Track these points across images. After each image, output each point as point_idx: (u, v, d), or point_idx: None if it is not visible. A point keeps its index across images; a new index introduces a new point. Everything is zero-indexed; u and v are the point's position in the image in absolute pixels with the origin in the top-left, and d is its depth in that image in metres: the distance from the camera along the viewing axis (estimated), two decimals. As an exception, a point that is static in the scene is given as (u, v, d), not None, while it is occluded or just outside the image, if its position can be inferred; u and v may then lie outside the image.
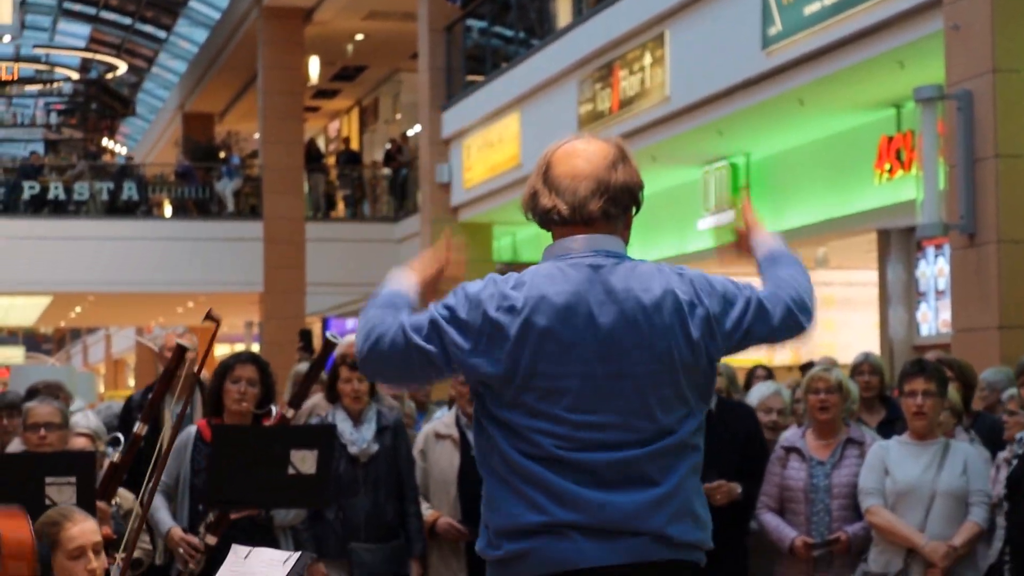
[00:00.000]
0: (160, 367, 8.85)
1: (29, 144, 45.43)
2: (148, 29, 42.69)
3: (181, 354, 6.75)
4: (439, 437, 8.17)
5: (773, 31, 13.31)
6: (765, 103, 14.04)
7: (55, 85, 47.27)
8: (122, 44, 44.81)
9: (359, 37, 30.91)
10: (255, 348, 30.22)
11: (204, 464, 7.13)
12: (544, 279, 3.81)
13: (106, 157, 43.76)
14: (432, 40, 22.12)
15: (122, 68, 46.11)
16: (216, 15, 36.10)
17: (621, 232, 3.94)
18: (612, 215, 3.89)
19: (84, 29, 44.52)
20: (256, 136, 33.06)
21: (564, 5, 18.90)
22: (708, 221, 17.60)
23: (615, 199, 3.88)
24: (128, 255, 29.25)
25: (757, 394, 8.83)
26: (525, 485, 3.76)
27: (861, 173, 14.81)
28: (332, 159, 34.88)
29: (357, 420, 7.95)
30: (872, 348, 13.34)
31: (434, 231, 22.08)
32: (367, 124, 37.22)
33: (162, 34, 42.31)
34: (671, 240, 18.22)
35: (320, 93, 35.46)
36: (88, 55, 46.01)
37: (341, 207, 31.98)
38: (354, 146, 35.53)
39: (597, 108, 17.15)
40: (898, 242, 15.37)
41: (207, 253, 29.53)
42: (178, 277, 29.72)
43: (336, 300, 30.38)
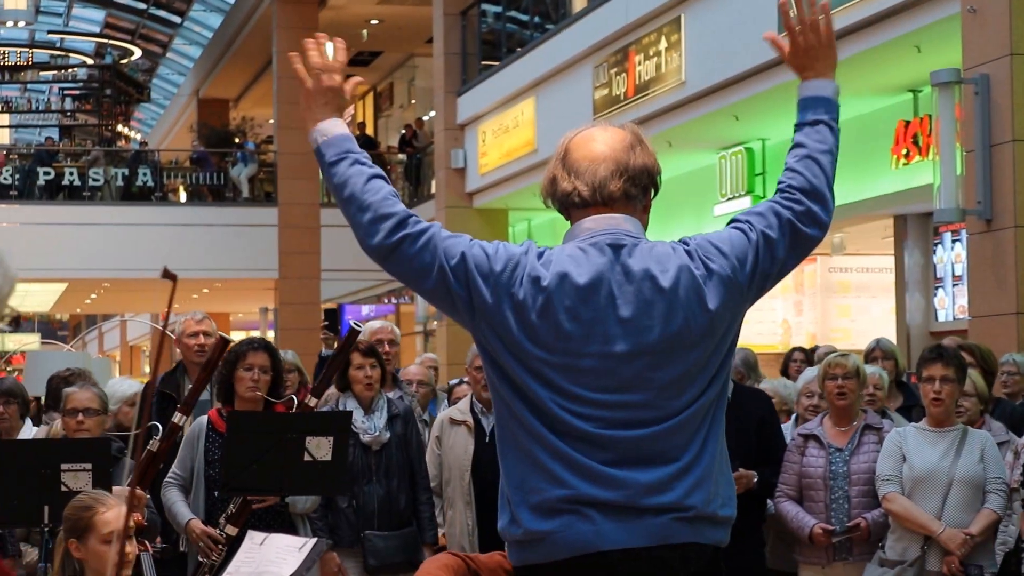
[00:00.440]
0: (177, 354, 8.85)
1: (44, 130, 45.59)
2: (162, 14, 42.73)
3: (224, 345, 6.78)
4: (454, 423, 8.18)
5: (790, 14, 13.27)
6: (781, 87, 13.99)
7: (70, 71, 47.31)
8: (136, 29, 44.87)
9: (374, 22, 30.95)
10: (270, 335, 30.27)
11: (218, 454, 7.13)
12: (568, 259, 3.82)
13: (121, 143, 43.88)
14: (447, 25, 22.11)
15: (137, 53, 46.20)
16: (228, 2, 36.12)
17: (640, 215, 3.95)
18: (632, 196, 3.91)
19: (98, 14, 44.59)
20: (271, 121, 33.07)
21: (579, -11, 18.91)
22: (724, 207, 17.58)
23: (634, 180, 3.90)
24: (143, 241, 29.27)
25: (803, 379, 8.76)
26: (550, 460, 3.77)
27: (877, 158, 14.79)
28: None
29: (368, 408, 7.96)
30: (889, 334, 13.34)
31: (449, 217, 22.08)
32: (382, 109, 37.26)
33: (177, 19, 42.36)
34: (688, 225, 18.19)
35: (336, 78, 35.41)
36: (103, 40, 46.10)
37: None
38: (369, 131, 35.53)
39: (612, 93, 17.14)
40: (915, 228, 15.34)
41: (222, 239, 29.62)
42: (193, 263, 29.66)
43: (351, 287, 30.45)
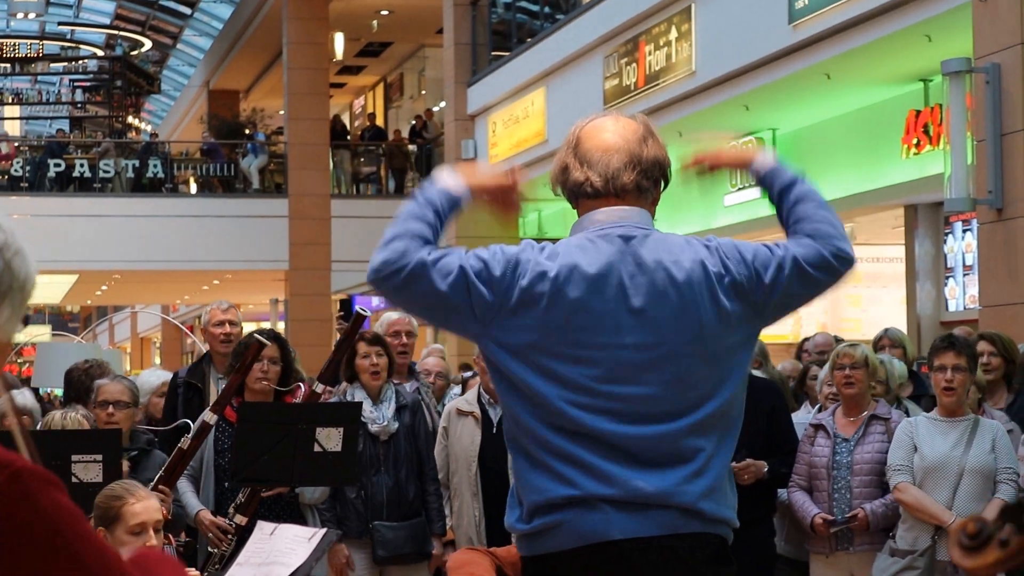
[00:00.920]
0: (206, 343, 8.88)
1: (54, 122, 45.74)
2: (173, 5, 42.75)
3: (260, 348, 6.81)
4: (461, 414, 8.19)
5: (800, 4, 13.29)
6: (792, 77, 14.02)
7: (80, 62, 47.36)
8: (147, 21, 44.91)
9: (384, 12, 30.93)
10: (280, 326, 30.30)
11: (228, 444, 7.14)
12: (576, 249, 3.82)
13: (131, 134, 43.92)
14: (457, 15, 22.12)
15: (147, 45, 46.26)
16: (239, -8, 36.16)
17: (649, 206, 3.96)
18: (644, 188, 3.91)
19: (109, 6, 44.61)
20: (281, 113, 33.14)
21: (589, -21, 18.90)
22: (734, 197, 17.59)
23: (647, 172, 3.91)
24: (153, 233, 29.31)
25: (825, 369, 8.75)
26: (555, 460, 3.77)
27: (888, 147, 14.78)
28: (357, 135, 34.88)
29: (376, 399, 7.98)
30: (899, 324, 13.35)
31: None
32: (392, 100, 37.28)
33: (187, 10, 42.38)
34: (698, 215, 18.20)
35: (345, 69, 35.52)
36: (113, 32, 46.12)
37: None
38: (379, 122, 35.54)
39: (623, 83, 17.14)
40: (926, 217, 15.33)
41: (232, 230, 29.64)
42: (203, 255, 29.78)
43: (362, 277, 30.25)
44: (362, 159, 32.58)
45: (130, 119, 47.06)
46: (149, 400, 8.75)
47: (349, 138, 34.00)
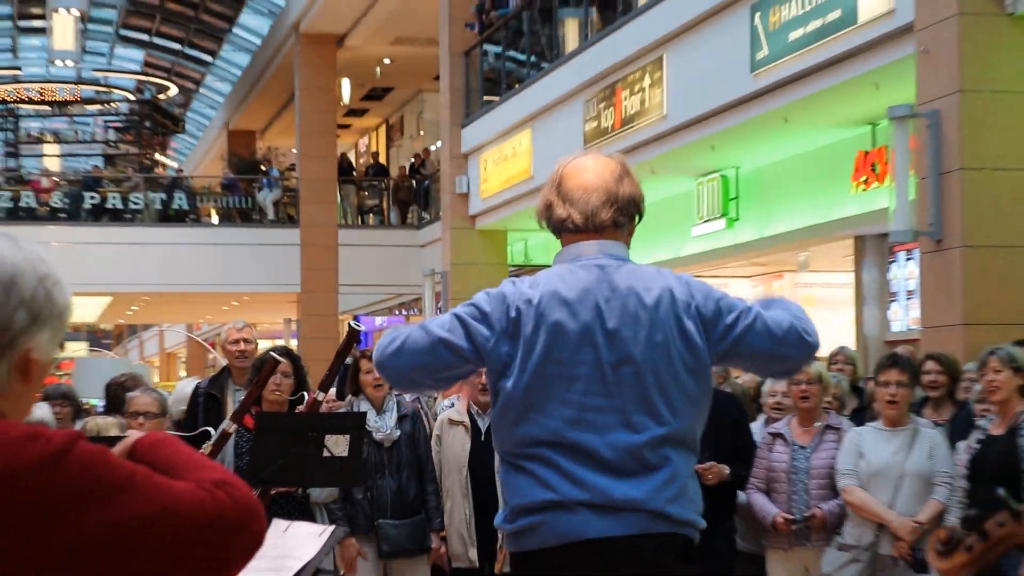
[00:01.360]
0: (224, 358, 8.88)
1: (90, 159, 45.70)
2: (196, 54, 42.87)
3: (274, 366, 6.81)
4: (453, 423, 8.20)
5: (760, 55, 13.32)
6: (753, 120, 14.03)
7: (112, 105, 47.39)
8: (172, 68, 44.99)
9: (386, 61, 30.99)
10: (293, 343, 30.28)
11: (247, 448, 7.15)
12: (556, 278, 3.83)
13: (159, 170, 44.06)
14: (452, 63, 22.13)
15: (173, 89, 46.32)
16: (257, 41, 36.21)
17: (625, 238, 3.96)
18: (620, 223, 3.92)
19: (138, 54, 44.70)
20: (294, 151, 33.16)
21: (571, 31, 18.88)
22: (701, 228, 17.62)
23: (622, 209, 3.91)
24: (179, 259, 29.31)
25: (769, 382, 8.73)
26: (536, 466, 3.78)
27: (839, 184, 14.80)
28: (362, 171, 34.91)
29: (379, 409, 7.98)
30: (848, 343, 13.34)
31: (454, 237, 22.09)
32: (393, 139, 37.30)
33: (208, 58, 42.48)
34: (668, 245, 18.24)
35: (351, 112, 35.54)
36: (142, 78, 46.18)
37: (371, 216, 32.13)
38: (381, 159, 35.56)
39: (601, 125, 17.16)
40: (873, 247, 15.35)
41: (249, 257, 29.63)
42: (223, 279, 29.80)
43: (366, 300, 30.46)
44: (366, 193, 32.58)
45: (157, 156, 47.18)
46: (184, 408, 8.79)
47: (355, 174, 34.00)
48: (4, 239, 2.19)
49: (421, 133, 34.67)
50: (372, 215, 32.12)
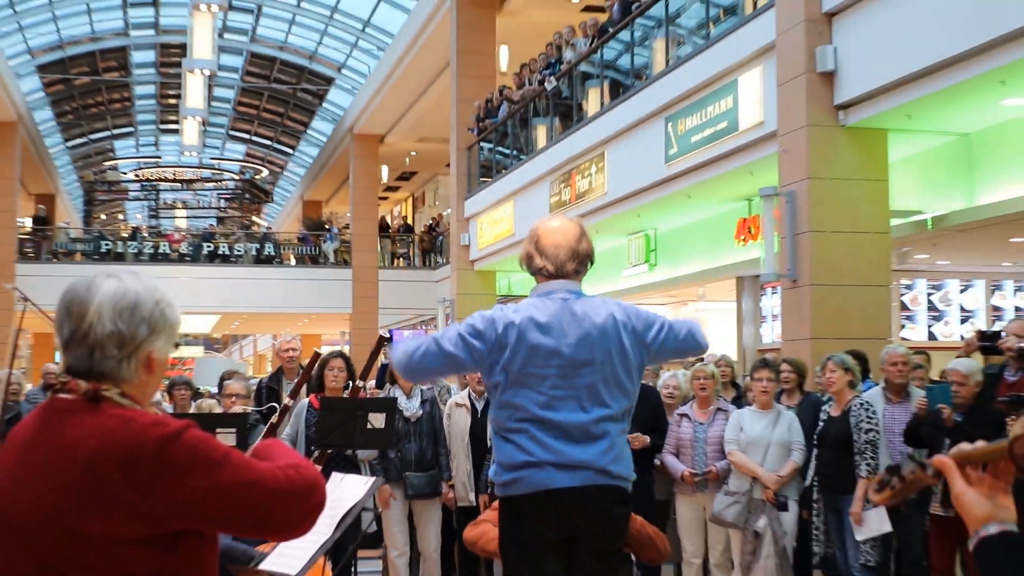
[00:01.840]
0: (278, 362, 8.83)
1: (207, 220, 45.60)
2: (281, 147, 42.91)
3: (315, 360, 6.77)
4: (458, 406, 8.18)
5: (672, 152, 13.35)
6: (667, 196, 14.06)
7: (223, 183, 47.43)
8: (265, 157, 45.05)
9: (413, 153, 31.09)
10: (346, 348, 30.23)
11: (314, 422, 7.11)
12: (532, 307, 3.85)
13: (254, 228, 43.89)
14: (459, 155, 22.16)
15: (265, 172, 46.33)
16: (323, 139, 36.31)
17: (579, 279, 3.97)
18: (579, 271, 3.97)
19: (241, 148, 44.76)
20: (348, 215, 33.14)
21: (541, 134, 18.90)
22: (630, 271, 17.63)
23: (581, 261, 3.96)
24: (267, 289, 29.38)
25: (663, 379, 8.77)
26: (518, 437, 3.78)
27: (726, 241, 14.84)
28: (395, 229, 34.97)
29: (408, 395, 7.94)
30: (731, 352, 13.31)
31: (460, 276, 22.09)
32: (417, 207, 37.32)
33: (290, 151, 42.53)
34: (608, 282, 18.24)
35: (388, 188, 35.59)
36: (244, 163, 46.22)
37: (401, 260, 32.13)
38: (409, 221, 35.59)
39: (561, 199, 17.18)
40: (749, 285, 15.39)
41: (316, 288, 29.68)
42: (298, 303, 29.83)
43: (397, 318, 30.39)
44: (398, 244, 32.58)
45: (253, 218, 47.10)
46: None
47: (390, 231, 34.00)
48: (129, 275, 2.21)
49: (436, 203, 34.74)
50: (402, 259, 32.09)
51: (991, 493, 1.93)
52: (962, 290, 15.45)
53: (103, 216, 49.17)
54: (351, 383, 7.41)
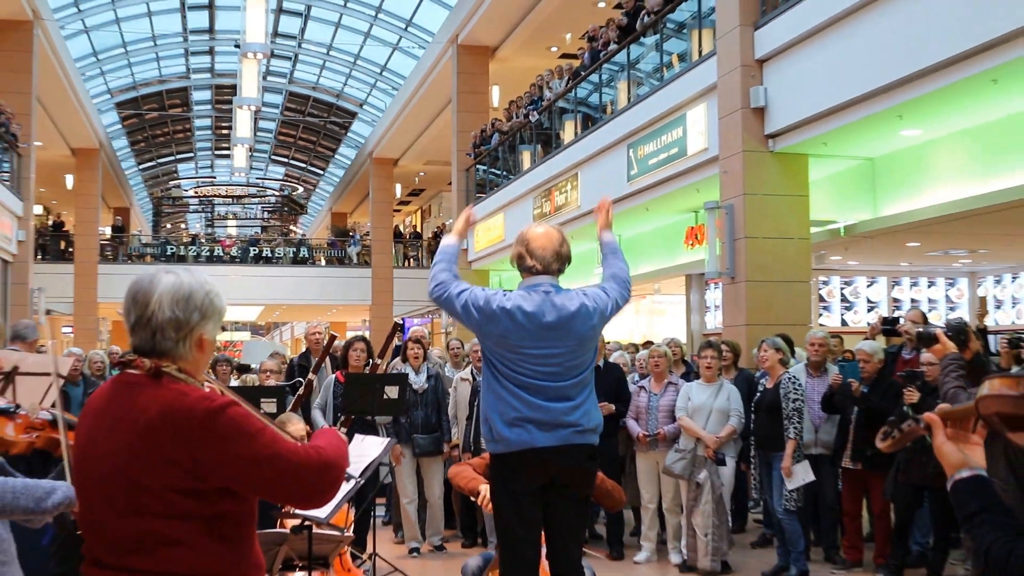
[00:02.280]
0: (307, 344, 8.75)
1: (253, 228, 45.42)
2: (314, 169, 42.74)
3: (331, 342, 6.73)
4: (463, 380, 8.14)
5: (633, 172, 13.34)
6: (629, 210, 14.05)
7: (266, 198, 47.27)
8: (300, 177, 44.84)
9: (421, 173, 30.98)
10: (367, 333, 30.15)
11: (340, 393, 7.08)
12: (520, 297, 3.84)
13: (291, 235, 43.72)
14: (459, 175, 22.11)
15: (300, 189, 46.14)
16: (348, 162, 36.16)
17: (558, 275, 3.95)
18: (561, 269, 3.97)
19: (281, 169, 44.54)
20: (368, 223, 33.05)
21: (526, 158, 18.87)
22: (599, 270, 17.56)
23: (563, 262, 3.97)
24: (303, 285, 29.34)
25: (640, 356, 8.70)
26: (508, 396, 3.76)
27: (677, 245, 14.84)
28: (407, 236, 34.90)
29: (417, 371, 7.91)
30: (681, 335, 13.28)
31: (461, 274, 21.96)
32: (425, 219, 37.21)
33: (321, 172, 42.35)
34: (580, 279, 18.18)
35: (401, 202, 35.45)
36: (283, 181, 46.05)
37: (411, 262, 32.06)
38: (419, 230, 35.50)
39: (543, 211, 17.14)
40: (696, 281, 15.38)
41: (342, 285, 29.59)
42: (328, 296, 29.75)
43: (408, 309, 30.32)
44: (409, 248, 32.49)
45: (291, 227, 46.93)
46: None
47: (403, 237, 33.91)
48: (184, 272, 2.22)
49: (441, 214, 34.65)
50: (412, 260, 32.00)
51: (963, 445, 1.98)
52: (868, 285, 15.53)
53: (168, 225, 48.92)
54: (371, 361, 7.39)
